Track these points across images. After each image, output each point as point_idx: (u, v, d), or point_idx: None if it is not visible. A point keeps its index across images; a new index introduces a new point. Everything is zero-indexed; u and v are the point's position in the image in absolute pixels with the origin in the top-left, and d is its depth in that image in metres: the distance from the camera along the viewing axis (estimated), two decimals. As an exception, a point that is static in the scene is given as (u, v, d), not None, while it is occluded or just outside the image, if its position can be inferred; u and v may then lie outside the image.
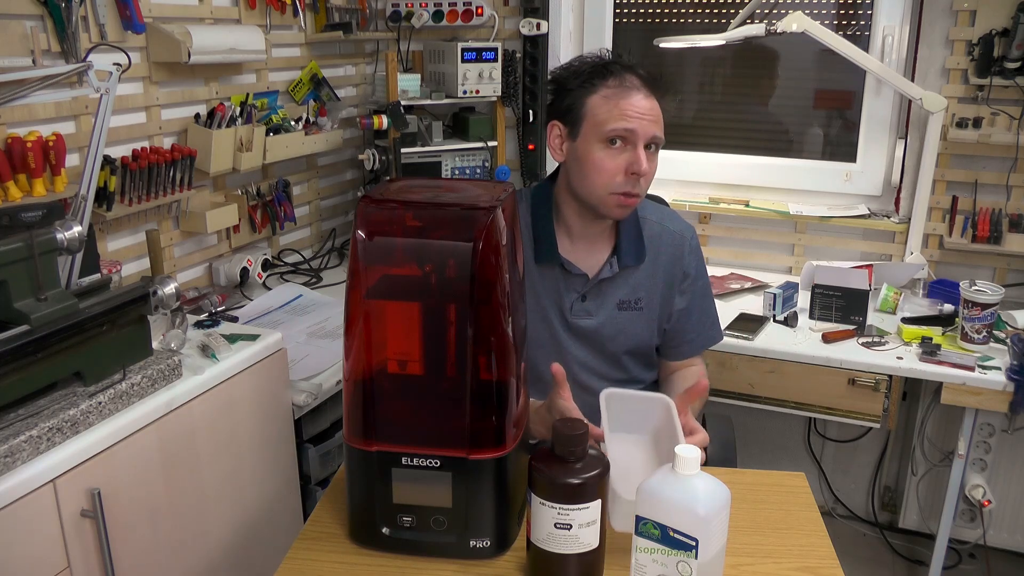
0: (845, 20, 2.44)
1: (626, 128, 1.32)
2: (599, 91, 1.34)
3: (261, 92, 2.30)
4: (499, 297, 1.02)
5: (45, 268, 1.28)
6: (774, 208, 2.52)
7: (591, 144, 1.35)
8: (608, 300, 1.47)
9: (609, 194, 1.35)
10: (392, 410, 1.06)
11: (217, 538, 1.60)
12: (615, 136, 1.33)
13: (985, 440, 2.32)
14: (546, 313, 1.46)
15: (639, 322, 1.49)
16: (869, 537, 2.62)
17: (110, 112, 1.44)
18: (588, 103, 1.35)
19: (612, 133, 1.33)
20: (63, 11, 1.68)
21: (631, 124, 1.32)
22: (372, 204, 1.06)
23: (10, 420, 1.23)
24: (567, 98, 1.38)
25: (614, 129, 1.32)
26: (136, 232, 2.00)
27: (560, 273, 1.45)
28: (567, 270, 1.45)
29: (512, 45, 2.67)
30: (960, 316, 1.99)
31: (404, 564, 1.08)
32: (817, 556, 1.11)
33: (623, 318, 1.48)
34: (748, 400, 2.10)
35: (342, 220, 2.80)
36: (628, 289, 1.47)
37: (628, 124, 1.32)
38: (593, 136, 1.34)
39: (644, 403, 1.23)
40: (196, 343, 1.64)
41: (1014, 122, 2.20)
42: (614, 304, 1.47)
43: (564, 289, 1.46)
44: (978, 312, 1.94)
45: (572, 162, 1.39)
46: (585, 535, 0.99)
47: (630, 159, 1.33)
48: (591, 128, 1.35)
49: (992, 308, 1.94)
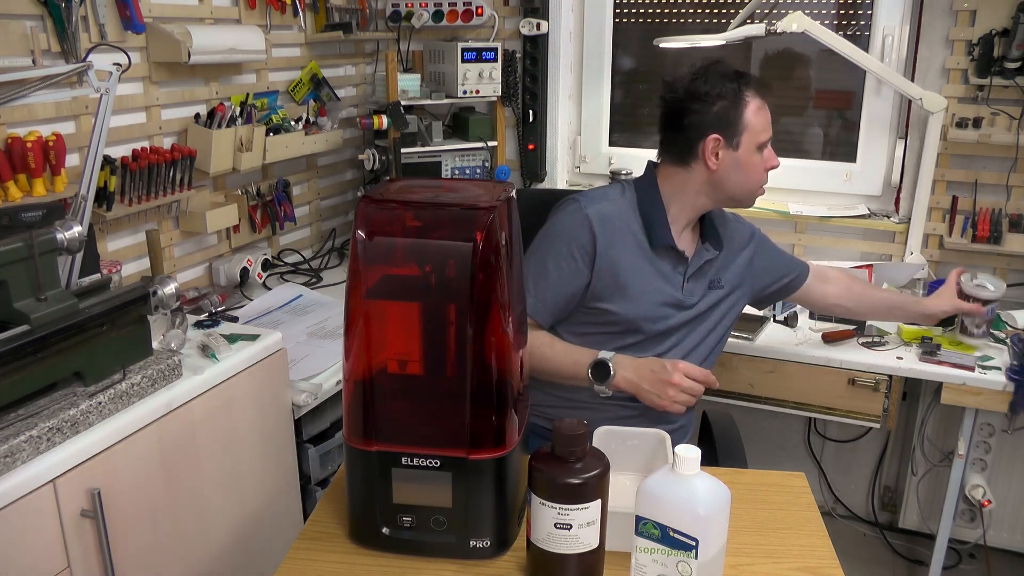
0: (845, 20, 2.44)
1: (769, 137, 1.54)
2: (749, 105, 1.51)
3: (261, 92, 2.30)
4: (499, 297, 1.02)
5: (45, 268, 1.28)
6: (774, 208, 2.52)
7: (751, 153, 1.53)
8: (703, 281, 1.61)
9: (759, 188, 1.57)
10: (392, 410, 1.06)
11: (217, 538, 1.60)
12: (765, 144, 1.54)
13: (985, 440, 2.32)
14: (663, 293, 1.55)
15: (726, 302, 1.64)
16: (869, 537, 2.62)
17: (110, 112, 1.44)
18: (746, 117, 1.51)
19: (765, 139, 1.53)
20: (63, 11, 1.68)
21: (770, 132, 1.54)
22: (372, 204, 1.06)
23: (10, 420, 1.23)
24: (726, 116, 1.51)
25: (765, 136, 1.53)
26: (136, 232, 2.00)
27: (672, 257, 1.57)
28: (678, 253, 1.56)
29: (512, 45, 2.67)
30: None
31: (404, 564, 1.08)
32: (817, 556, 1.11)
33: (714, 296, 1.62)
34: (748, 400, 2.10)
35: (342, 220, 2.80)
36: (715, 270, 1.62)
37: (769, 132, 1.54)
38: (751, 144, 1.52)
39: (639, 438, 1.26)
40: (196, 343, 1.64)
41: (1014, 122, 2.20)
42: (706, 284, 1.61)
43: (673, 272, 1.57)
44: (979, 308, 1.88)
45: (730, 167, 1.53)
46: (585, 535, 0.99)
47: (767, 157, 1.56)
48: (751, 139, 1.52)
49: (992, 304, 1.89)
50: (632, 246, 1.53)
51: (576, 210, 1.53)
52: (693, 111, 1.51)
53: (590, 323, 1.55)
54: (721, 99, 1.50)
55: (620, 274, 1.51)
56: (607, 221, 1.52)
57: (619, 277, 1.51)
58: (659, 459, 1.20)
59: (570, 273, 1.51)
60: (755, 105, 1.51)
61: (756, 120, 1.51)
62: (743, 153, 1.52)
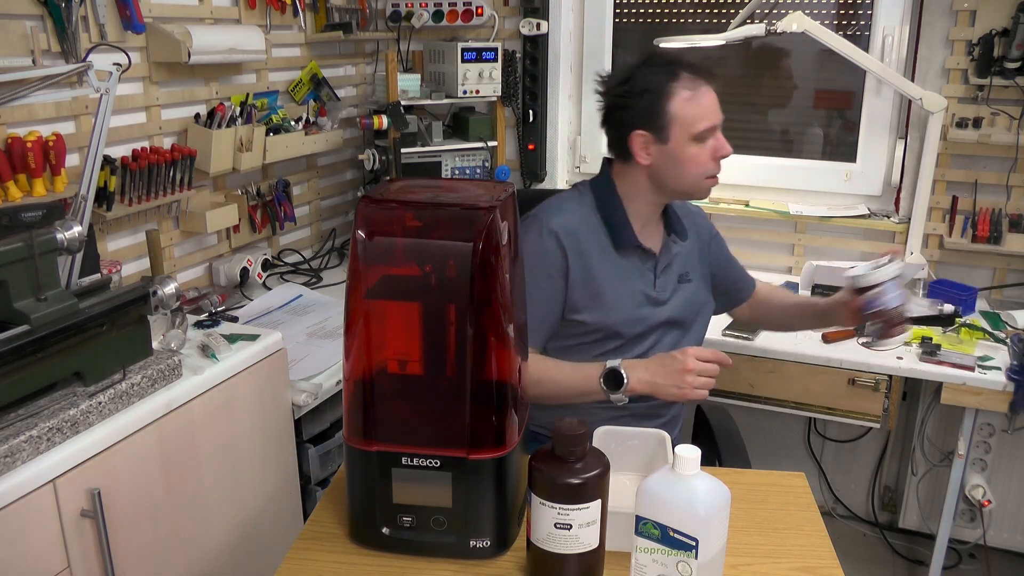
0: (845, 20, 2.44)
1: (710, 125, 1.47)
2: (677, 96, 1.45)
3: (261, 92, 2.30)
4: (499, 297, 1.02)
5: (45, 268, 1.28)
6: (774, 208, 2.52)
7: (684, 145, 1.47)
8: (673, 274, 1.59)
9: (704, 179, 1.50)
10: (392, 410, 1.06)
11: (217, 538, 1.60)
12: (704, 134, 1.47)
13: (985, 440, 2.32)
14: (636, 295, 1.54)
15: (697, 293, 1.63)
16: (869, 537, 2.62)
17: (110, 112, 1.44)
18: (672, 110, 1.45)
19: (702, 131, 1.46)
20: (63, 11, 1.68)
21: (713, 120, 1.47)
22: (372, 204, 1.06)
23: (10, 420, 1.23)
24: (645, 111, 1.47)
25: (703, 128, 1.46)
26: (136, 232, 2.00)
27: (638, 256, 1.54)
28: (645, 251, 1.54)
29: (512, 45, 2.67)
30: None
31: (404, 564, 1.08)
32: (817, 556, 1.11)
33: (685, 290, 1.61)
34: (748, 400, 2.10)
35: (342, 220, 2.80)
36: (681, 263, 1.61)
37: (711, 121, 1.47)
38: (683, 137, 1.46)
39: (639, 438, 1.26)
40: (196, 343, 1.64)
41: (1014, 122, 2.20)
42: (676, 278, 1.59)
43: (644, 269, 1.55)
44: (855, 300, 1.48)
45: (663, 162, 1.49)
46: (585, 535, 0.99)
47: (714, 147, 1.49)
48: (682, 131, 1.46)
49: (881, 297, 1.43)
50: (599, 252, 1.51)
51: (539, 228, 1.49)
52: (619, 107, 1.49)
53: (568, 335, 1.52)
54: (645, 93, 1.46)
55: (593, 283, 1.49)
56: (572, 233, 1.49)
57: (593, 286, 1.49)
58: (659, 459, 1.20)
59: (551, 292, 1.49)
60: (684, 96, 1.45)
61: (686, 110, 1.45)
62: (675, 146, 1.46)
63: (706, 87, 1.47)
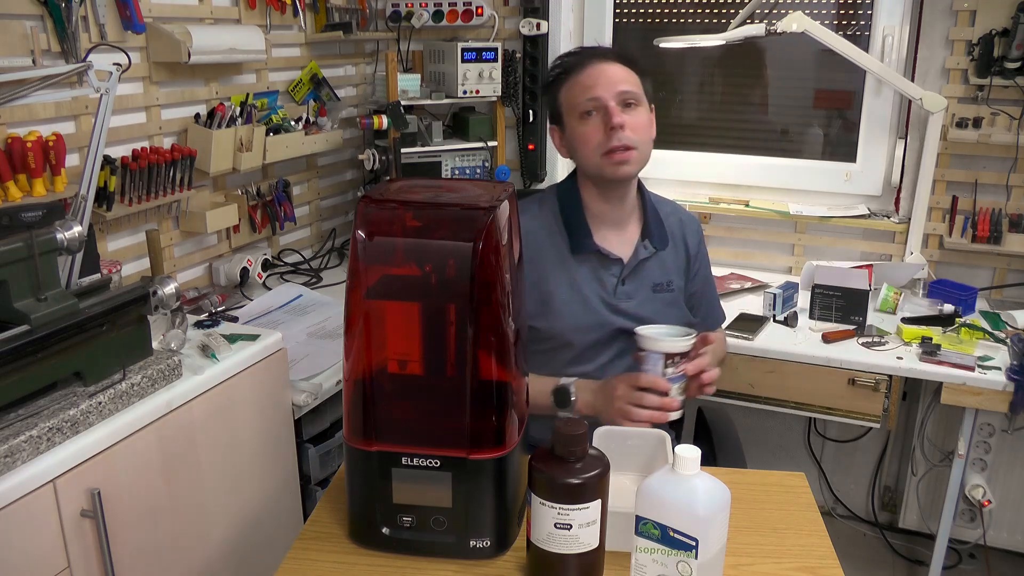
0: (845, 20, 2.44)
1: (589, 97, 1.43)
2: (566, 82, 1.47)
3: (261, 92, 2.30)
4: (499, 297, 1.02)
5: (45, 268, 1.28)
6: (774, 208, 2.52)
7: (574, 126, 1.47)
8: (644, 283, 1.53)
9: (600, 157, 1.44)
10: (392, 410, 1.06)
11: (217, 538, 1.60)
12: (585, 109, 1.44)
13: (985, 440, 2.32)
14: (590, 301, 1.50)
15: (674, 305, 1.56)
16: (869, 537, 2.62)
17: (110, 112, 1.44)
18: (560, 97, 1.48)
19: (582, 107, 1.44)
20: (63, 11, 1.68)
21: (593, 91, 1.43)
22: (372, 204, 1.06)
23: (10, 420, 1.23)
24: (550, 105, 1.52)
25: (581, 103, 1.44)
26: (136, 232, 2.00)
27: (597, 260, 1.51)
28: (604, 256, 1.50)
29: (512, 45, 2.67)
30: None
31: (404, 564, 1.08)
32: (817, 556, 1.11)
33: (660, 300, 1.54)
34: (748, 400, 2.10)
35: (342, 220, 2.80)
36: (660, 272, 1.55)
37: (590, 93, 1.43)
38: (573, 119, 1.46)
39: (639, 438, 1.25)
40: (196, 343, 1.64)
41: (1014, 122, 2.20)
42: (649, 287, 1.53)
43: (604, 275, 1.51)
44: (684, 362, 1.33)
45: (571, 151, 1.50)
46: (585, 535, 0.99)
47: (604, 120, 1.43)
48: (569, 114, 1.47)
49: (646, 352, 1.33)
50: (555, 257, 1.49)
51: None
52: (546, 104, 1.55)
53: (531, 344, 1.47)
54: (546, 89, 1.53)
55: (544, 289, 1.47)
56: (527, 237, 1.42)
57: (544, 292, 1.47)
58: (659, 459, 1.20)
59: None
60: (572, 78, 1.46)
61: (571, 92, 1.46)
62: (569, 131, 1.48)
63: (598, 65, 1.45)
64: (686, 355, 1.33)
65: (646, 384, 1.32)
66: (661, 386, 1.31)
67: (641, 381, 1.32)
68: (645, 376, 1.32)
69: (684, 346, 1.32)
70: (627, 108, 1.43)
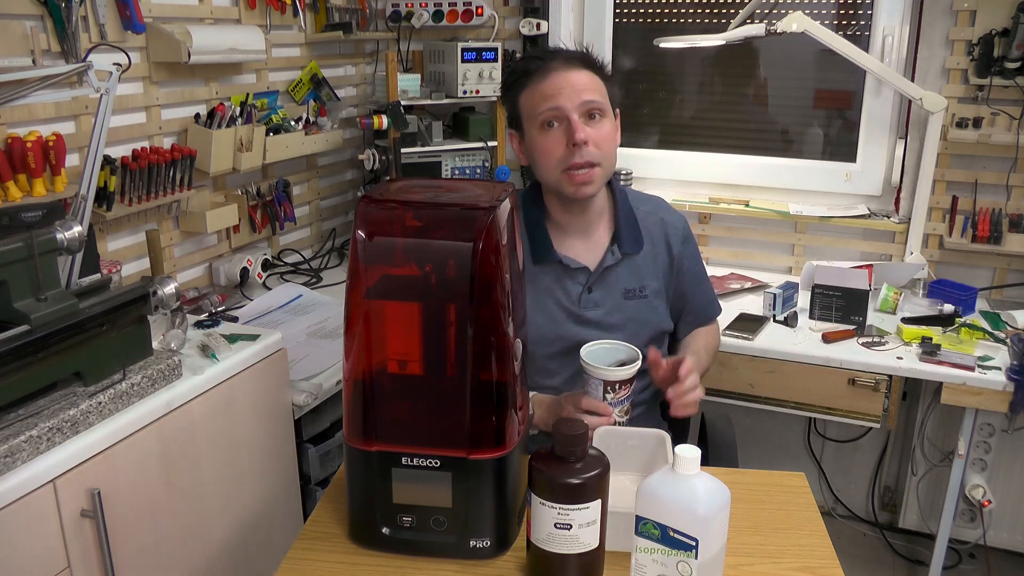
0: (845, 20, 2.44)
1: (551, 106, 1.35)
2: (527, 87, 1.39)
3: (261, 92, 2.30)
4: (499, 297, 1.02)
5: (45, 268, 1.28)
6: (774, 208, 2.52)
7: (533, 136, 1.40)
8: (614, 290, 1.48)
9: (561, 173, 1.38)
10: (392, 410, 1.06)
11: (217, 538, 1.60)
12: (547, 119, 1.37)
13: (985, 440, 2.32)
14: (552, 312, 1.47)
15: (647, 310, 1.50)
16: (869, 537, 2.62)
17: (110, 112, 1.44)
18: (520, 102, 1.41)
19: (543, 117, 1.37)
20: (63, 11, 1.68)
21: (555, 101, 1.35)
22: (372, 204, 1.06)
23: (10, 420, 1.23)
24: (509, 108, 1.45)
25: (542, 112, 1.36)
26: (136, 232, 2.00)
27: (560, 270, 1.47)
28: (566, 266, 1.46)
29: (512, 45, 2.67)
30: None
31: (404, 564, 1.08)
32: (817, 556, 1.11)
33: (631, 307, 1.49)
34: (748, 400, 2.10)
35: (342, 220, 2.80)
36: (632, 277, 1.49)
37: (552, 102, 1.35)
38: (532, 128, 1.40)
39: (639, 438, 1.25)
40: (196, 343, 1.64)
41: (1014, 122, 2.20)
42: (620, 293, 1.49)
43: (569, 284, 1.47)
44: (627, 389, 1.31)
45: (530, 160, 1.44)
46: (585, 535, 0.99)
47: (567, 131, 1.36)
48: (528, 122, 1.40)
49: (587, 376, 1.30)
50: (527, 260, 1.43)
51: None
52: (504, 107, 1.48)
53: None
54: (506, 91, 1.45)
55: None
56: None
57: None
58: (659, 459, 1.20)
59: None
60: (532, 83, 1.38)
61: (531, 99, 1.38)
62: (529, 139, 1.41)
63: (561, 72, 1.36)
64: (628, 381, 1.30)
65: (587, 408, 1.29)
66: (602, 410, 1.28)
67: (583, 405, 1.29)
68: (587, 400, 1.30)
69: (624, 375, 1.29)
70: (591, 120, 1.37)
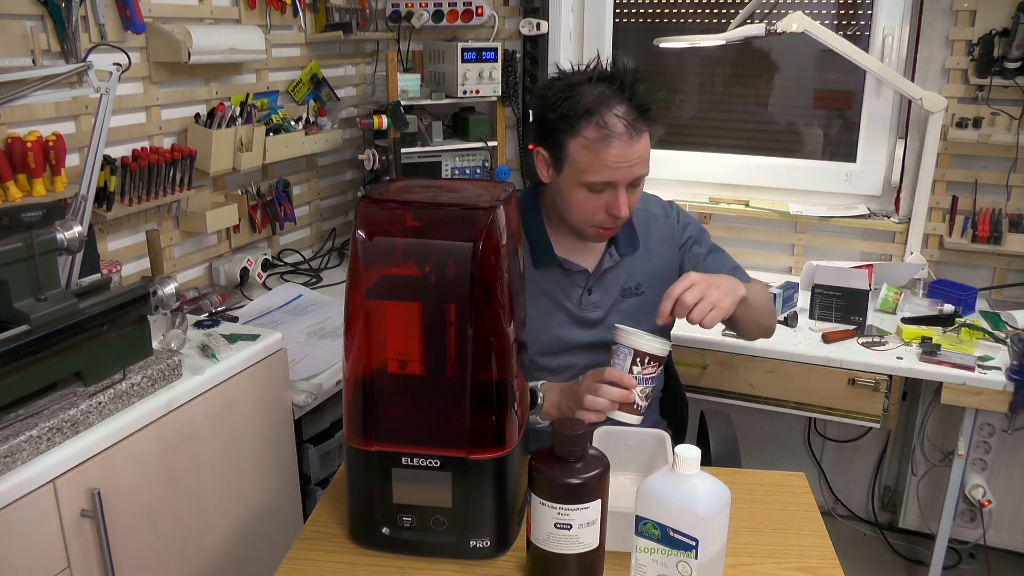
0: (845, 20, 2.44)
1: (605, 180, 1.32)
2: (581, 136, 1.30)
3: (261, 92, 2.30)
4: (499, 297, 1.02)
5: (45, 268, 1.28)
6: (774, 208, 2.52)
7: (572, 186, 1.35)
8: (612, 290, 1.49)
9: (590, 227, 1.38)
10: (392, 410, 1.06)
11: (217, 538, 1.60)
12: (597, 187, 1.33)
13: (985, 440, 2.32)
14: (553, 315, 1.47)
15: (643, 307, 1.50)
16: (869, 537, 2.62)
17: (110, 112, 1.44)
18: (570, 147, 1.32)
19: (591, 181, 1.32)
20: (63, 11, 1.67)
21: (612, 176, 1.31)
22: (372, 204, 1.06)
23: (10, 420, 1.23)
24: (550, 133, 1.35)
25: (595, 181, 1.32)
26: (136, 232, 2.00)
27: (561, 273, 1.47)
28: (566, 269, 1.47)
29: (512, 45, 2.67)
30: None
31: (404, 564, 1.08)
32: (817, 556, 1.11)
33: (628, 305, 1.50)
34: (748, 400, 2.10)
35: (342, 220, 2.80)
36: (627, 276, 1.50)
37: (608, 177, 1.31)
38: (574, 180, 1.34)
39: (639, 438, 1.26)
40: (196, 343, 1.64)
41: (1014, 122, 2.20)
42: (617, 292, 1.49)
43: (569, 287, 1.48)
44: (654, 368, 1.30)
45: (556, 191, 1.40)
46: (585, 535, 0.99)
47: (609, 201, 1.34)
48: (572, 172, 1.34)
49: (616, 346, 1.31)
50: (527, 262, 1.42)
51: None
52: (535, 112, 1.39)
53: None
54: (557, 112, 1.32)
55: None
56: None
57: None
58: (659, 459, 1.20)
59: None
60: (588, 136, 1.29)
61: (581, 155, 1.30)
62: (564, 182, 1.36)
63: (623, 142, 1.29)
64: (658, 361, 1.29)
65: (610, 378, 1.27)
66: (625, 381, 1.26)
67: (606, 375, 1.28)
68: (611, 370, 1.28)
69: (657, 348, 1.28)
70: (633, 188, 1.35)
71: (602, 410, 1.27)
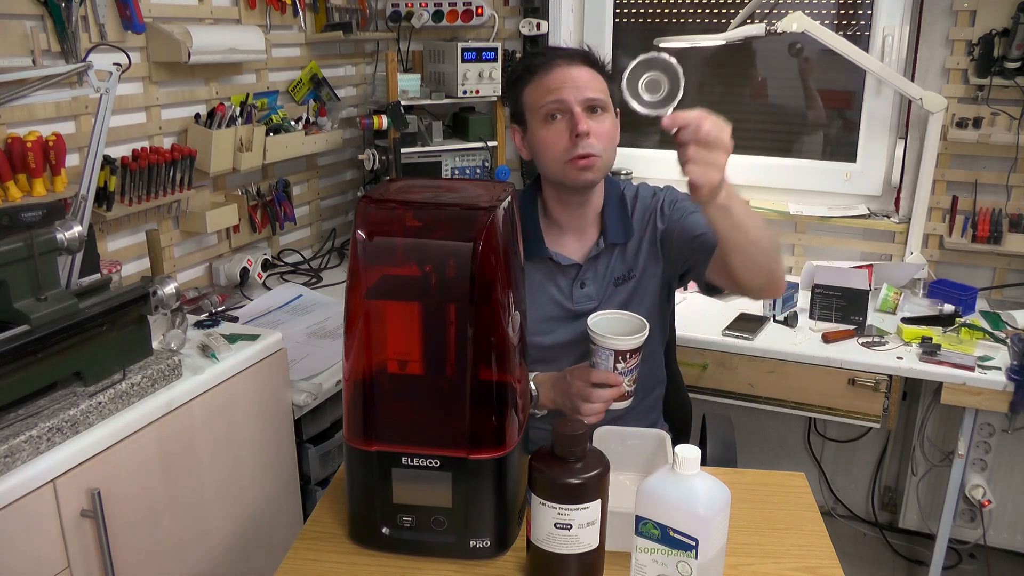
0: (845, 20, 2.44)
1: (554, 99, 1.38)
2: (530, 83, 1.42)
3: (261, 92, 2.30)
4: (499, 297, 1.02)
5: (45, 268, 1.28)
6: (774, 208, 2.52)
7: (536, 129, 1.42)
8: (605, 280, 1.50)
9: (564, 164, 1.40)
10: (392, 410, 1.06)
11: (217, 538, 1.60)
12: (549, 111, 1.39)
13: (985, 440, 2.32)
14: (545, 307, 1.48)
15: (636, 292, 1.50)
16: (869, 537, 2.62)
17: (110, 112, 1.43)
18: (524, 96, 1.43)
19: (545, 109, 1.39)
20: (63, 11, 1.68)
21: (558, 94, 1.38)
22: (372, 204, 1.06)
23: (10, 420, 1.23)
24: (511, 104, 1.48)
25: (545, 104, 1.39)
26: (136, 232, 2.00)
27: (551, 266, 1.48)
28: (556, 262, 1.48)
29: (512, 45, 2.67)
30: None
31: (404, 564, 1.08)
32: (817, 556, 1.11)
33: (621, 292, 1.50)
34: (748, 400, 2.10)
35: (342, 220, 2.80)
36: (621, 265, 1.50)
37: (555, 96, 1.38)
38: (535, 121, 1.42)
39: (639, 438, 1.26)
40: (196, 343, 1.64)
41: (1014, 122, 2.20)
42: (611, 282, 1.50)
43: (561, 280, 1.49)
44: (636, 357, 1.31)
45: (532, 153, 1.47)
46: (585, 535, 0.99)
47: (569, 124, 1.38)
48: (531, 115, 1.43)
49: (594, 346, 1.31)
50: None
51: None
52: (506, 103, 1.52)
53: None
54: (512, 79, 1.47)
55: None
56: None
57: None
58: (659, 459, 1.20)
59: None
60: (534, 77, 1.41)
61: (533, 94, 1.41)
62: (531, 132, 1.43)
63: (564, 67, 1.39)
64: (638, 350, 1.30)
65: (598, 380, 1.30)
66: (613, 381, 1.30)
67: (593, 378, 1.31)
68: (596, 372, 1.31)
69: (635, 344, 1.29)
70: (592, 114, 1.39)
71: (599, 412, 1.32)
